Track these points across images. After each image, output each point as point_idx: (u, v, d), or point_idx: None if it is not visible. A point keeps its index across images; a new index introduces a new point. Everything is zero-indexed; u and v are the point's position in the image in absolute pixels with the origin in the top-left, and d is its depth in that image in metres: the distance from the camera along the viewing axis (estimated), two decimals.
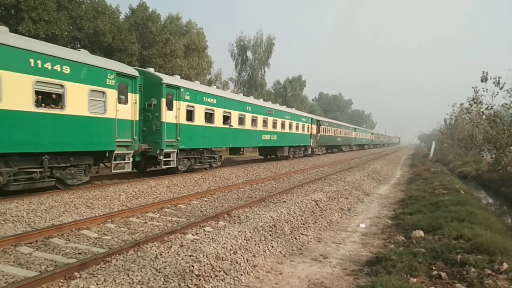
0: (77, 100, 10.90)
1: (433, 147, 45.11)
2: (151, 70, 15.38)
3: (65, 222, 7.84)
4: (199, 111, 16.80)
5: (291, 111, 30.68)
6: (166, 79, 14.90)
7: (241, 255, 6.40)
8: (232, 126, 19.73)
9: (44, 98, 10.28)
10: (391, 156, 44.81)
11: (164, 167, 14.65)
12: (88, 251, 6.24)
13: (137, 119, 13.45)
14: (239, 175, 17.51)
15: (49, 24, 19.16)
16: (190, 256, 5.79)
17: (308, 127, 33.91)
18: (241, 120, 20.99)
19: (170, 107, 14.82)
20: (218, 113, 18.36)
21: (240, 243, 6.81)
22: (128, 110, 12.99)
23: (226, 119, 19.18)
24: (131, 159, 13.17)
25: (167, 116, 14.57)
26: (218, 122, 18.34)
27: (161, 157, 14.36)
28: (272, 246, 7.37)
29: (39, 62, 9.72)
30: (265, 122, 24.34)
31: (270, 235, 7.84)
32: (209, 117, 17.67)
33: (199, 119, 16.76)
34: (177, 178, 14.46)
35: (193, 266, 5.46)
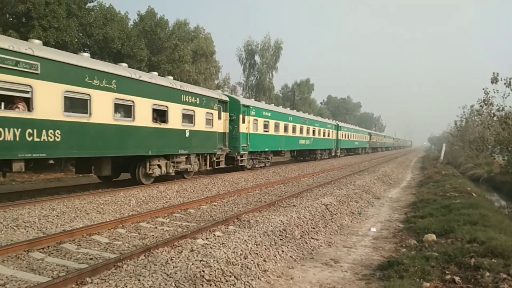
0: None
1: (444, 150, 44.68)
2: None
3: (77, 228, 7.89)
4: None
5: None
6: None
7: (252, 260, 6.38)
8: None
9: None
10: (401, 159, 44.47)
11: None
12: (99, 256, 6.26)
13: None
14: (248, 179, 17.49)
15: (59, 31, 19.38)
16: (201, 261, 5.78)
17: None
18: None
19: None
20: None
21: (251, 247, 6.79)
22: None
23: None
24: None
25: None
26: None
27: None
28: (283, 251, 7.33)
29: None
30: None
31: (280, 239, 7.80)
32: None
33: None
34: (186, 183, 14.49)
35: (203, 271, 5.44)
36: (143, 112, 12.93)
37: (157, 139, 13.70)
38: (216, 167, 17.93)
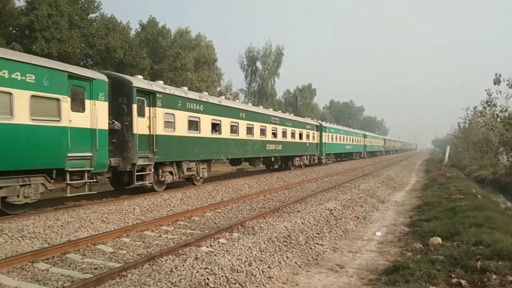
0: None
1: (448, 152, 44.50)
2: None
3: (81, 238, 7.90)
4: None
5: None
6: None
7: (256, 267, 6.36)
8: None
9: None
10: (405, 162, 44.30)
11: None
12: (104, 266, 6.26)
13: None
14: (252, 185, 17.48)
15: (61, 42, 19.57)
16: (205, 268, 5.77)
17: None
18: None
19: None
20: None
21: (255, 254, 6.77)
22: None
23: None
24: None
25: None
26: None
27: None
28: (287, 257, 7.30)
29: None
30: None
31: (285, 245, 7.77)
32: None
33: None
34: (190, 190, 14.49)
35: (208, 279, 5.43)
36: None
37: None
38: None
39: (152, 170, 13.32)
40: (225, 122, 18.28)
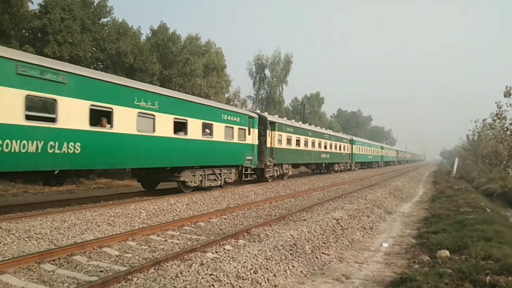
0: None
1: (456, 164, 44.12)
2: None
3: (87, 240, 7.93)
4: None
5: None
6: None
7: (262, 275, 6.32)
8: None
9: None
10: (412, 173, 43.98)
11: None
12: (109, 269, 6.26)
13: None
14: (258, 192, 17.44)
15: (73, 46, 19.79)
16: (211, 275, 5.74)
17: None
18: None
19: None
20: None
21: (261, 262, 6.73)
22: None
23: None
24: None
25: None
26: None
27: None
28: (293, 266, 7.25)
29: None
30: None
31: (290, 254, 7.72)
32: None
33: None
34: (196, 196, 14.50)
35: (213, 285, 5.41)
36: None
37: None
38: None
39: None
40: (302, 139, 28.00)
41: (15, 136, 8.88)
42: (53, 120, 9.83)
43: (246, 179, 19.53)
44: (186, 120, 14.78)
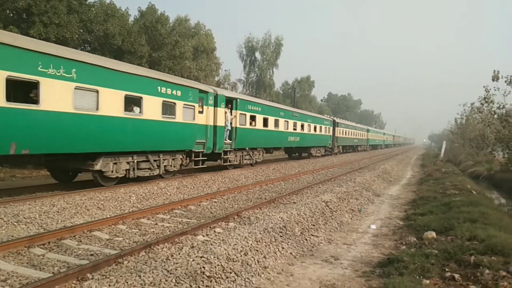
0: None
1: (444, 147, 44.69)
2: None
3: (77, 224, 7.91)
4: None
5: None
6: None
7: (252, 257, 6.39)
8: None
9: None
10: (401, 156, 44.47)
11: None
12: (100, 253, 6.28)
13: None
14: (248, 176, 17.50)
15: (59, 27, 19.33)
16: (201, 257, 5.79)
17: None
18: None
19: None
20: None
21: (251, 244, 6.80)
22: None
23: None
24: None
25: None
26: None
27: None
28: (283, 248, 7.35)
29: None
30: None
31: (280, 236, 7.81)
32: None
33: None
34: (187, 180, 14.49)
35: (204, 267, 5.46)
36: None
37: None
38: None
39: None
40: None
41: None
42: None
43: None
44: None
